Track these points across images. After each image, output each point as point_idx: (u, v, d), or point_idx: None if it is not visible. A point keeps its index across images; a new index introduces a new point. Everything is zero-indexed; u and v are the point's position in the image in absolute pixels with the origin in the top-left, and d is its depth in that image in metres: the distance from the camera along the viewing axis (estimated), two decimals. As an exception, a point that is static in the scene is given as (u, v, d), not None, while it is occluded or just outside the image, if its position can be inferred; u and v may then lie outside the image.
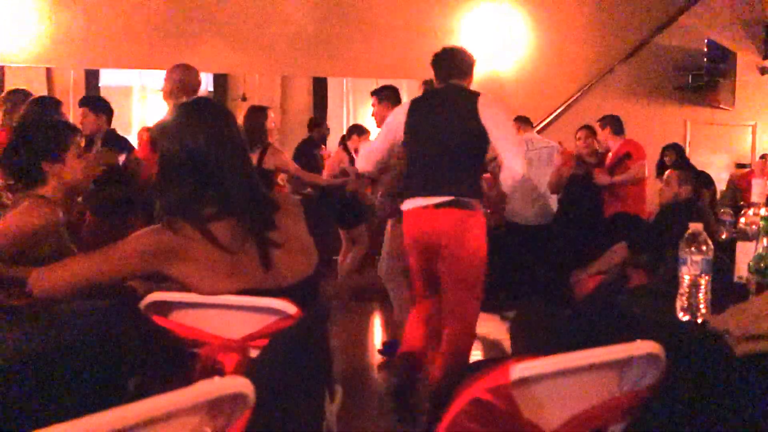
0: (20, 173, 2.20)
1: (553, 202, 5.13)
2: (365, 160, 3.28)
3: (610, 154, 5.32)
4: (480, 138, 2.98)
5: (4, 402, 1.14)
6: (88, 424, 0.81)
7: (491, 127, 2.95)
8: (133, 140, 6.39)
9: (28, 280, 1.68)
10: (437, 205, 2.92)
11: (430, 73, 3.37)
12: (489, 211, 4.55)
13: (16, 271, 1.88)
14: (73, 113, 4.98)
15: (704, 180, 5.70)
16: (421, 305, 3.17)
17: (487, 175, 4.00)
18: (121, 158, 3.72)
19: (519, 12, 7.85)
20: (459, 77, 3.15)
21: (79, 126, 3.61)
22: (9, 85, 7.04)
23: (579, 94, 7.83)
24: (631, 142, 5.25)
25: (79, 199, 3.15)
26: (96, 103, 4.26)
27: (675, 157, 6.03)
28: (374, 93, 4.29)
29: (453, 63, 3.18)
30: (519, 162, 2.91)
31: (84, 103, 4.26)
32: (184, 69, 3.85)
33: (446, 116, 3.03)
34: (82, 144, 2.33)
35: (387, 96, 4.19)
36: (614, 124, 5.29)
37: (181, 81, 3.76)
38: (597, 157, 5.23)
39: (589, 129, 5.27)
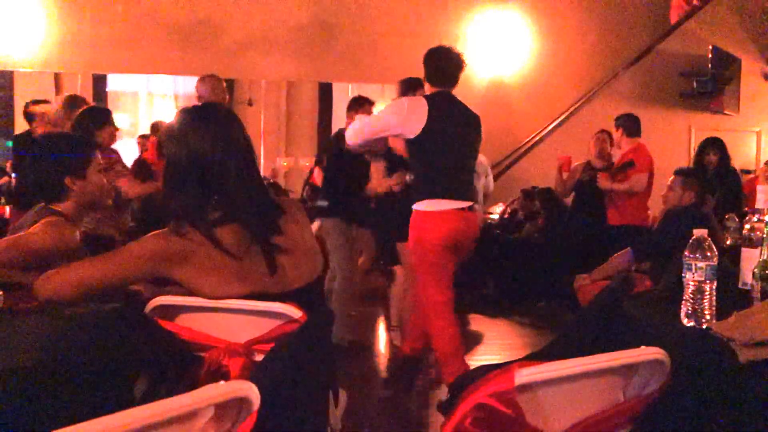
0: (41, 188, 2.18)
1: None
2: (358, 136, 3.34)
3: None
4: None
5: (12, 404, 1.15)
6: (94, 427, 0.81)
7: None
8: (134, 144, 6.43)
9: (34, 284, 1.68)
10: (469, 208, 3.25)
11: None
12: None
13: (24, 276, 1.88)
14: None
15: (709, 185, 5.52)
16: (451, 303, 3.24)
17: None
18: None
19: (523, 19, 7.86)
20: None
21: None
22: (18, 90, 7.11)
23: (583, 100, 7.83)
24: (640, 150, 5.03)
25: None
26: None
27: (718, 159, 5.13)
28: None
29: (460, 72, 3.32)
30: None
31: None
32: (205, 80, 3.95)
33: (466, 127, 3.33)
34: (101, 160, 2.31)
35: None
36: (628, 125, 5.05)
37: (203, 94, 3.86)
38: (606, 162, 5.18)
39: (605, 133, 5.23)
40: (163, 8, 7.31)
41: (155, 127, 6.12)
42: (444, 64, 3.29)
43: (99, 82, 7.72)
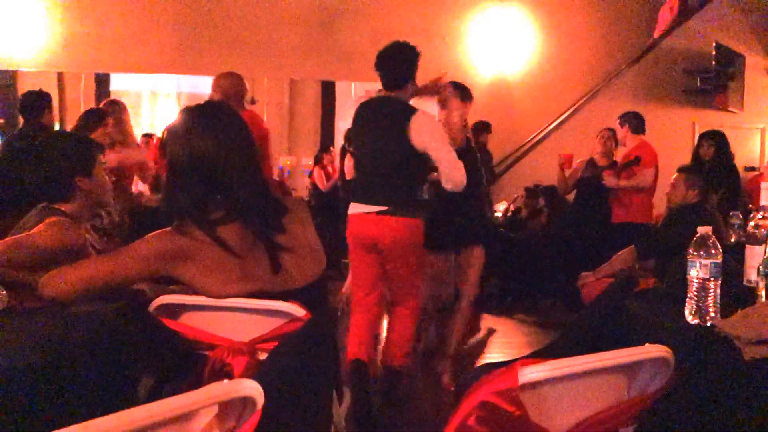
0: (49, 187, 2.17)
1: None
2: None
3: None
4: (413, 154, 3.15)
5: (17, 404, 1.15)
6: (99, 426, 0.81)
7: (426, 146, 3.12)
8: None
9: (38, 283, 1.69)
10: (378, 213, 3.16)
11: (436, 76, 3.42)
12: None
13: (28, 276, 1.89)
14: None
15: (713, 183, 5.47)
16: (362, 306, 3.28)
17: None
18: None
19: (526, 16, 7.85)
20: (404, 84, 3.25)
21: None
22: (21, 90, 7.11)
23: (586, 97, 7.82)
24: (644, 146, 5.05)
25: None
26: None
27: (714, 150, 5.07)
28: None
29: (392, 74, 3.24)
30: (457, 174, 3.16)
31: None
32: (230, 77, 3.93)
33: (381, 132, 3.21)
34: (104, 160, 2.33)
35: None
36: (633, 122, 5.07)
37: (229, 88, 3.84)
38: (611, 160, 5.19)
39: (609, 131, 5.23)
40: (165, 7, 7.32)
41: None
42: (378, 66, 3.27)
43: (102, 81, 7.73)
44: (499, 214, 7.22)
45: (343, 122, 8.12)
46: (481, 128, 6.39)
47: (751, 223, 1.98)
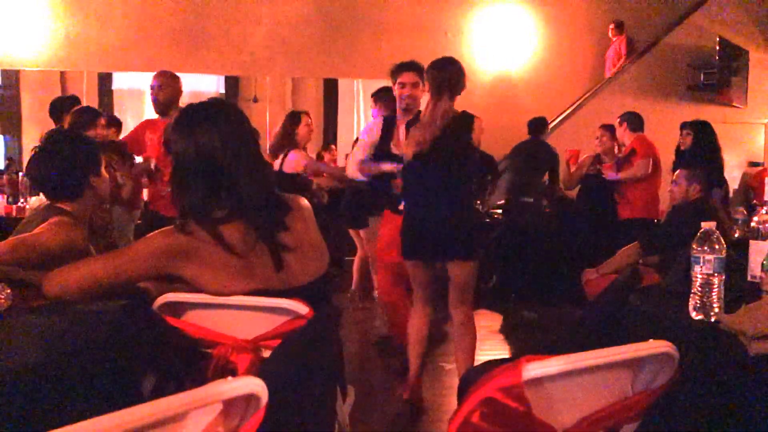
0: (64, 185, 2.16)
1: None
2: None
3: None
4: None
5: (20, 402, 1.16)
6: (102, 423, 0.81)
7: None
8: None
9: (42, 282, 1.69)
10: None
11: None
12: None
13: (32, 274, 1.89)
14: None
15: (716, 178, 5.42)
16: None
17: None
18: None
19: (529, 12, 7.83)
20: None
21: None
22: (24, 89, 7.13)
23: (590, 93, 7.80)
24: (640, 139, 5.13)
25: None
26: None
27: (691, 140, 4.95)
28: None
29: None
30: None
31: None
32: (175, 77, 3.96)
33: None
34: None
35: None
36: (632, 120, 5.18)
37: (177, 89, 3.88)
38: (614, 156, 5.22)
39: (608, 128, 5.26)
40: (168, 6, 7.32)
41: None
42: None
43: (104, 80, 7.74)
44: (501, 210, 7.20)
45: (346, 120, 8.12)
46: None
47: (755, 219, 1.97)
